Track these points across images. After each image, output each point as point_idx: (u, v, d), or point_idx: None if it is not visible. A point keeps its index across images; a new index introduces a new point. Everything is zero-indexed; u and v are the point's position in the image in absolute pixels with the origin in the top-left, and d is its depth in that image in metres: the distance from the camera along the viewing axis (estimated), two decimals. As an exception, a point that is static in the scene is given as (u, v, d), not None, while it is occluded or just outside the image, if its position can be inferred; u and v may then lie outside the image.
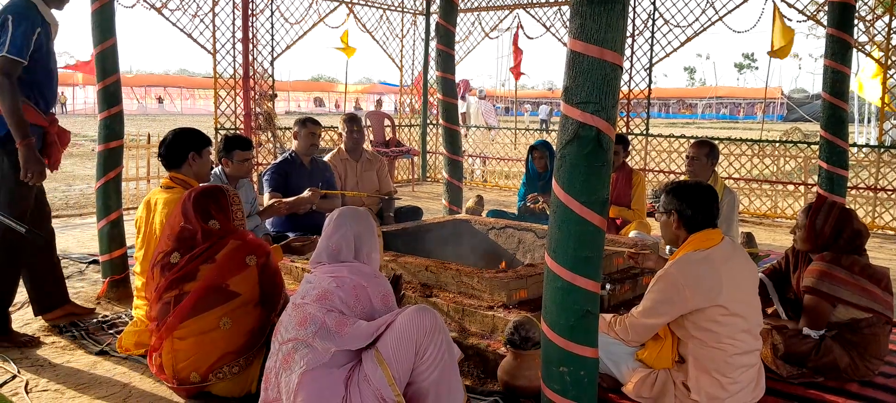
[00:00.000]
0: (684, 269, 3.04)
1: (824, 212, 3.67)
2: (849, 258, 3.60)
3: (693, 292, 2.99)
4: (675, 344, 3.18)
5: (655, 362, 3.20)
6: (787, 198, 9.16)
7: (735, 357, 3.03)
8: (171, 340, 3.19)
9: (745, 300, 3.10)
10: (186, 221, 3.32)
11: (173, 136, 4.06)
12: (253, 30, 9.29)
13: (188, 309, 3.16)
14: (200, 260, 3.23)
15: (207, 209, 3.33)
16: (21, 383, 3.41)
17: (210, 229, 3.30)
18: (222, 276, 3.21)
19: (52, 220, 4.20)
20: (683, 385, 3.11)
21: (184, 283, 3.22)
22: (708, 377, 3.04)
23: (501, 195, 10.71)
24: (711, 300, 2.99)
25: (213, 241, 3.27)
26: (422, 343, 2.66)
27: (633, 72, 9.75)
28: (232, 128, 9.17)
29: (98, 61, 4.73)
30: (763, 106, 29.59)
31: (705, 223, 3.15)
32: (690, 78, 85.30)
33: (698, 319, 3.03)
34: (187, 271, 3.22)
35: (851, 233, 3.64)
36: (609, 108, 2.51)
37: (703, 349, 3.05)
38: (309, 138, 5.57)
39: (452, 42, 6.58)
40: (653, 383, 3.17)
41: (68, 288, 5.02)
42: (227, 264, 3.24)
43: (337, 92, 51.50)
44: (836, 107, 4.92)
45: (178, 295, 3.21)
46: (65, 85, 41.78)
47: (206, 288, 3.18)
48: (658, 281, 3.10)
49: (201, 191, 3.40)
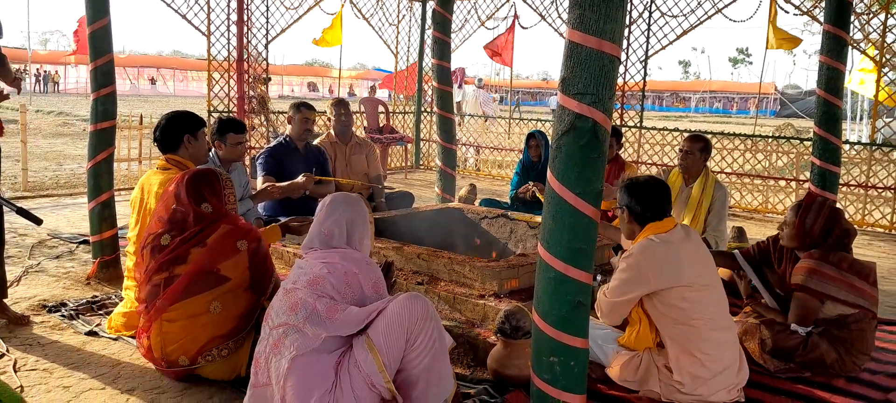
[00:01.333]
0: (646, 252, 3.14)
1: (815, 211, 3.69)
2: (837, 255, 3.62)
3: (655, 274, 3.09)
4: (652, 327, 3.28)
5: (636, 344, 3.30)
6: (779, 193, 9.20)
7: (710, 335, 3.09)
8: (159, 322, 3.19)
9: (707, 276, 3.19)
10: (178, 203, 3.30)
11: (167, 120, 4.01)
12: (248, 12, 9.22)
13: (179, 292, 3.16)
14: (192, 243, 3.23)
15: (201, 192, 3.32)
16: (9, 362, 3.39)
17: (202, 212, 3.29)
18: (213, 260, 3.21)
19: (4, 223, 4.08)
20: (666, 367, 3.19)
21: (174, 266, 3.21)
22: (688, 357, 3.11)
23: (494, 184, 10.71)
24: (675, 281, 3.09)
25: (204, 225, 3.27)
26: (413, 331, 2.66)
27: (628, 64, 9.75)
28: (225, 110, 9.12)
29: (91, 41, 4.69)
30: (756, 101, 29.64)
31: (654, 217, 3.24)
32: (685, 71, 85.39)
33: (666, 298, 3.12)
34: (178, 254, 3.21)
35: (840, 233, 3.66)
36: (606, 100, 2.51)
37: (677, 328, 3.13)
38: (303, 123, 5.54)
39: (449, 30, 6.56)
40: (636, 367, 3.26)
41: (59, 268, 5.02)
42: (218, 248, 3.23)
43: (331, 77, 51.37)
44: (830, 104, 4.94)
45: (167, 278, 3.21)
46: (58, 64, 41.59)
47: (197, 271, 3.18)
48: (622, 262, 3.22)
49: (195, 174, 3.39)
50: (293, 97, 43.81)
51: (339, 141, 6.03)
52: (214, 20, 8.97)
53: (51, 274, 4.86)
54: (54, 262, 5.18)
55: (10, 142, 13.28)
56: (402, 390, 2.70)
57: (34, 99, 29.09)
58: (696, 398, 3.12)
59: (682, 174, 5.30)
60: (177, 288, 3.17)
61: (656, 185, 3.27)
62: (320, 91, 53.39)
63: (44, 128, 17.85)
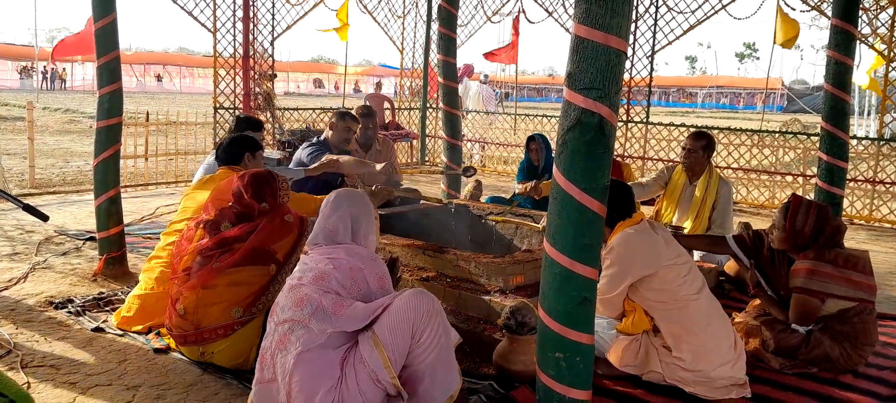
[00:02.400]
0: (626, 243, 3.26)
1: (803, 212, 3.67)
2: (831, 252, 3.62)
3: (639, 261, 3.23)
4: (645, 312, 3.38)
5: (634, 327, 3.39)
6: (786, 189, 9.15)
7: (695, 304, 3.21)
8: (197, 291, 3.32)
9: (676, 250, 3.33)
10: (238, 202, 3.54)
11: (230, 141, 4.37)
12: (254, 9, 9.23)
13: (235, 261, 3.34)
14: (251, 226, 3.48)
15: (261, 192, 3.55)
16: (16, 358, 3.40)
17: (262, 210, 3.54)
18: (268, 241, 3.42)
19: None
20: (664, 347, 3.29)
21: (233, 243, 3.42)
22: (683, 330, 3.22)
23: (500, 180, 10.69)
24: (656, 265, 3.20)
25: (263, 215, 3.53)
26: (418, 327, 2.66)
27: (634, 60, 9.73)
28: (231, 107, 9.14)
29: (98, 38, 4.70)
30: (763, 96, 29.53)
31: (624, 215, 3.34)
32: (691, 67, 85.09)
33: (650, 283, 3.24)
34: (238, 235, 3.44)
35: (832, 230, 3.66)
36: (612, 95, 2.49)
37: (665, 308, 3.25)
38: (345, 131, 5.62)
39: (454, 25, 6.55)
40: (636, 351, 3.34)
41: (65, 264, 5.04)
42: (274, 230, 3.46)
43: (336, 73, 51.34)
44: (838, 99, 4.91)
45: (223, 252, 3.39)
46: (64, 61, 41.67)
47: (251, 248, 3.38)
48: (606, 259, 3.30)
49: (252, 175, 3.62)
50: (299, 94, 43.89)
51: (360, 149, 6.05)
52: (220, 17, 8.98)
53: (57, 271, 4.88)
54: (61, 259, 5.20)
55: (17, 139, 13.36)
56: (408, 385, 2.70)
57: (41, 96, 29.17)
58: (699, 374, 3.17)
59: (685, 172, 5.28)
60: (234, 257, 3.35)
61: (619, 187, 3.34)
62: (326, 87, 53.40)
63: (51, 126, 17.91)
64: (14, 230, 6.05)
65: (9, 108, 18.00)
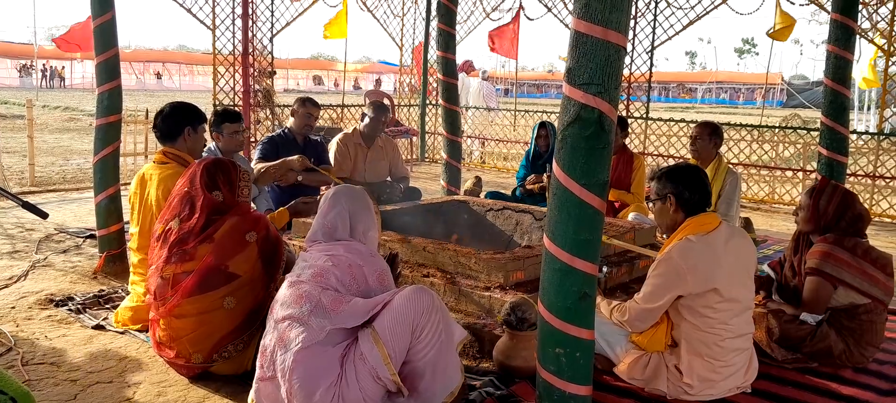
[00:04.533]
0: (685, 252, 3.02)
1: (828, 194, 3.69)
2: (851, 240, 3.61)
3: (692, 276, 2.99)
4: (668, 328, 3.19)
5: (649, 345, 3.20)
6: (786, 183, 9.16)
7: (727, 341, 3.04)
8: (169, 319, 3.17)
9: (740, 284, 3.09)
10: (191, 187, 3.28)
11: (170, 109, 4.03)
12: (252, 6, 9.23)
13: (188, 290, 3.11)
14: (199, 238, 3.16)
15: (214, 179, 3.28)
16: (17, 356, 3.40)
17: (212, 199, 3.23)
18: (222, 257, 3.13)
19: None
20: (676, 368, 3.12)
21: (182, 263, 3.15)
22: (700, 360, 3.06)
23: (499, 176, 10.69)
24: (708, 285, 2.99)
25: (213, 215, 3.21)
26: (418, 323, 2.66)
27: (634, 55, 9.72)
28: (231, 104, 9.13)
29: (97, 35, 4.69)
30: (763, 91, 29.51)
31: (702, 204, 3.14)
32: (691, 62, 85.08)
33: (693, 303, 3.04)
34: (185, 248, 3.16)
35: (853, 216, 3.65)
36: (612, 90, 2.49)
37: (696, 332, 3.06)
38: (306, 117, 5.69)
39: (454, 21, 6.54)
40: (645, 365, 3.19)
41: (66, 262, 5.04)
42: (226, 244, 3.16)
43: (336, 70, 51.30)
44: (838, 93, 4.91)
45: (175, 275, 3.16)
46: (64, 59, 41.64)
47: (206, 269, 3.12)
48: (659, 265, 3.09)
49: (212, 162, 3.37)
50: (298, 91, 43.82)
51: (364, 142, 6.05)
52: (219, 14, 8.98)
53: (58, 269, 4.88)
54: (61, 257, 5.20)
55: (17, 137, 13.35)
56: (408, 382, 2.70)
57: (40, 94, 29.15)
58: (703, 398, 3.10)
59: (695, 161, 5.29)
60: (186, 286, 3.11)
61: (696, 170, 3.18)
62: (325, 84, 53.36)
63: (50, 124, 17.91)
64: (14, 228, 6.05)
65: (8, 107, 18.00)
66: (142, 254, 3.80)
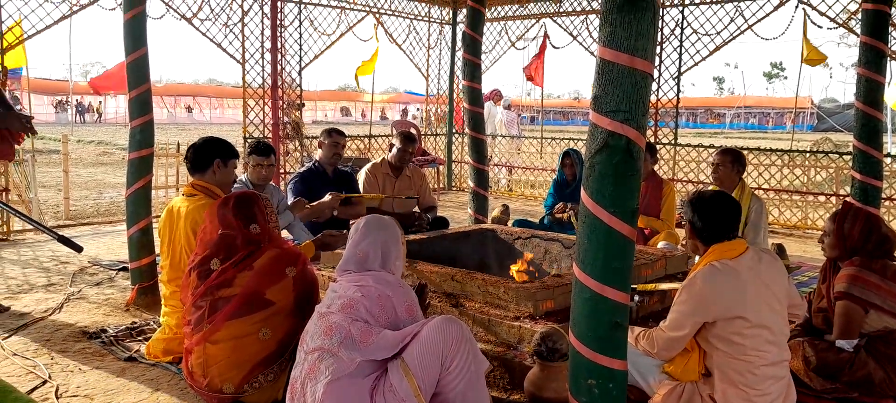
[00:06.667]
0: (708, 279, 2.97)
1: (851, 217, 3.64)
2: (879, 262, 3.55)
3: (716, 302, 2.93)
4: (701, 357, 3.11)
5: (682, 375, 3.12)
6: (818, 209, 9.00)
7: (762, 369, 2.96)
8: (203, 345, 3.19)
9: (770, 311, 3.00)
10: (226, 227, 3.33)
11: (203, 142, 4.10)
12: (281, 40, 9.36)
13: (227, 316, 3.17)
14: (238, 267, 3.24)
15: (249, 214, 3.35)
16: (51, 388, 3.45)
17: (251, 233, 3.32)
18: (260, 285, 3.21)
19: None
20: (710, 398, 3.04)
21: (220, 290, 3.22)
22: (735, 389, 2.97)
23: (527, 204, 10.66)
24: (734, 312, 2.92)
25: (252, 248, 3.29)
26: (448, 354, 2.64)
27: (661, 81, 9.68)
28: (261, 136, 9.24)
29: (130, 70, 4.80)
30: (793, 115, 29.18)
31: (720, 235, 3.07)
32: (719, 87, 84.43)
33: (722, 331, 2.96)
34: (224, 278, 3.23)
35: (880, 237, 3.59)
36: (639, 117, 2.48)
37: (729, 361, 2.98)
38: (332, 147, 5.76)
39: (479, 51, 6.58)
40: (679, 396, 3.11)
41: (99, 295, 5.10)
42: (265, 273, 3.25)
43: (363, 101, 51.76)
44: (870, 117, 4.84)
45: (213, 302, 3.22)
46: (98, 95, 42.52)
47: (244, 295, 3.19)
48: (683, 292, 3.04)
49: (239, 197, 3.43)
50: (326, 122, 44.24)
51: (392, 172, 6.09)
52: (249, 48, 9.13)
53: (91, 301, 4.95)
54: (95, 289, 5.28)
55: (52, 171, 13.64)
56: (438, 414, 2.68)
57: (75, 129, 29.80)
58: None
59: (717, 188, 5.23)
60: (225, 312, 3.17)
61: (724, 201, 3.10)
62: (353, 115, 53.86)
63: (85, 158, 18.28)
64: (50, 261, 6.15)
65: (45, 142, 18.39)
66: (173, 287, 3.85)
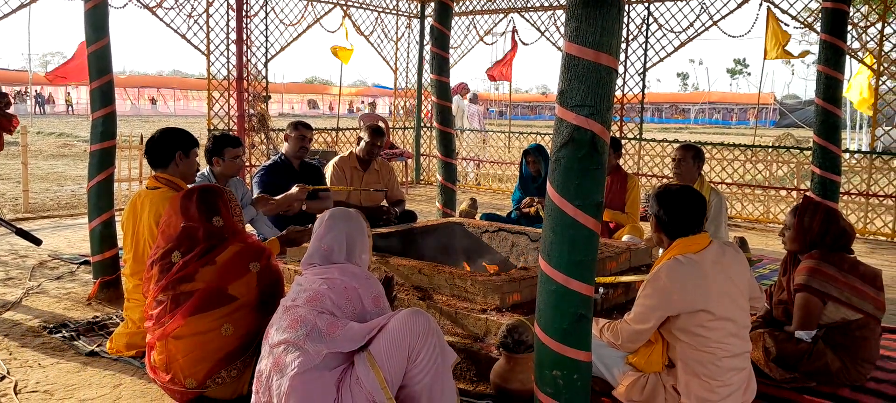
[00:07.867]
0: (672, 273, 3.01)
1: (811, 211, 3.75)
2: (837, 255, 3.65)
3: (680, 296, 2.97)
4: (665, 349, 3.16)
5: (646, 366, 3.18)
6: (780, 203, 9.18)
7: (724, 360, 3.02)
8: (165, 341, 3.14)
9: (733, 304, 3.06)
10: (188, 219, 3.26)
11: (160, 135, 4.01)
12: (247, 31, 9.27)
13: (188, 312, 3.11)
14: (200, 262, 3.18)
15: (212, 206, 3.29)
16: (10, 384, 3.38)
17: (213, 226, 3.25)
18: (223, 280, 3.16)
19: None
20: (673, 388, 3.10)
21: (181, 284, 3.16)
22: (697, 380, 3.03)
23: (495, 198, 10.71)
24: (698, 305, 2.97)
25: (214, 241, 3.23)
26: (415, 347, 2.65)
27: (626, 77, 9.78)
28: (226, 129, 9.14)
29: (92, 61, 4.71)
30: (755, 111, 29.69)
31: (686, 229, 3.10)
32: (683, 83, 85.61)
33: (685, 323, 3.01)
34: (185, 273, 3.17)
35: (838, 231, 3.70)
36: (604, 112, 2.51)
37: (692, 352, 3.03)
38: (299, 141, 5.68)
39: (447, 45, 6.58)
40: (643, 387, 3.16)
41: (60, 289, 5.01)
42: (228, 268, 3.19)
43: (331, 94, 51.45)
44: (830, 113, 4.95)
45: (174, 296, 3.16)
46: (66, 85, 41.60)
47: (206, 290, 3.13)
48: (647, 286, 3.08)
49: (202, 189, 3.36)
50: (293, 115, 43.89)
51: (359, 166, 6.06)
52: (214, 39, 9.02)
53: (52, 295, 4.86)
54: (55, 283, 5.18)
55: (10, 163, 13.33)
56: (405, 406, 2.68)
57: (35, 120, 29.14)
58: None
59: (678, 182, 5.30)
60: (187, 307, 3.11)
61: (690, 196, 3.13)
62: (320, 108, 53.49)
63: (45, 150, 17.89)
64: (8, 255, 6.02)
65: (3, 133, 17.95)
66: (136, 280, 3.79)
